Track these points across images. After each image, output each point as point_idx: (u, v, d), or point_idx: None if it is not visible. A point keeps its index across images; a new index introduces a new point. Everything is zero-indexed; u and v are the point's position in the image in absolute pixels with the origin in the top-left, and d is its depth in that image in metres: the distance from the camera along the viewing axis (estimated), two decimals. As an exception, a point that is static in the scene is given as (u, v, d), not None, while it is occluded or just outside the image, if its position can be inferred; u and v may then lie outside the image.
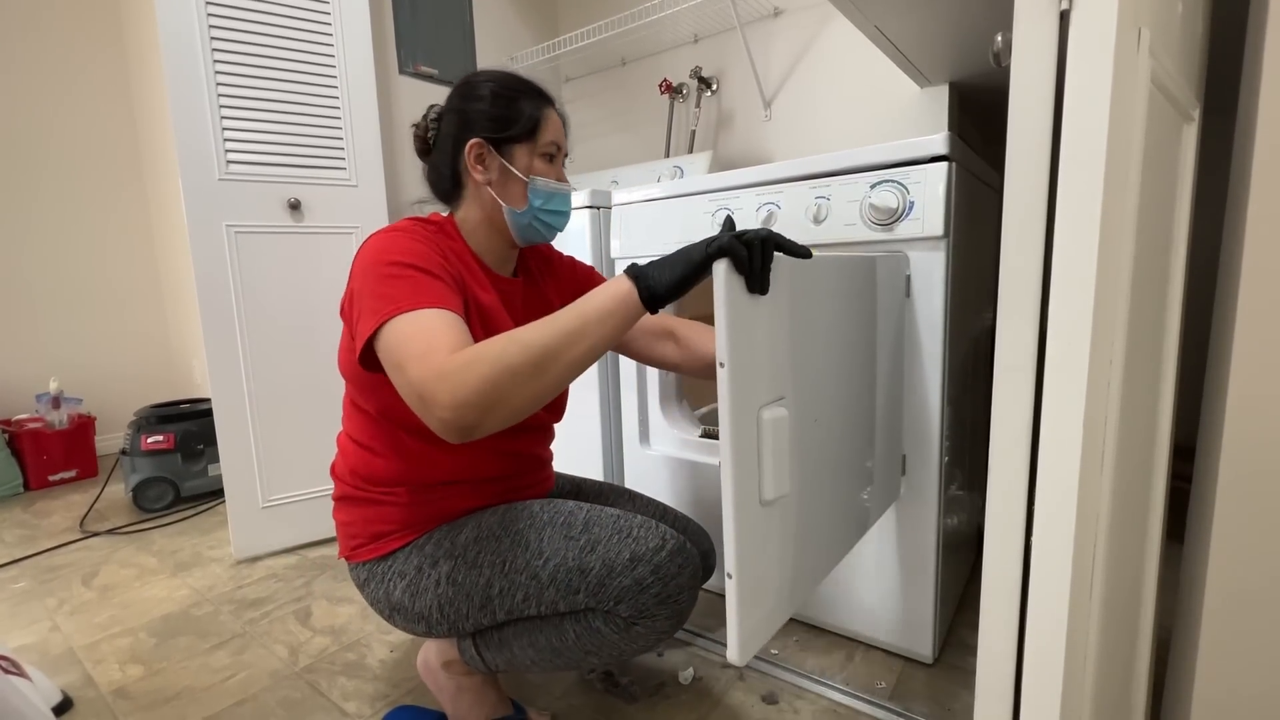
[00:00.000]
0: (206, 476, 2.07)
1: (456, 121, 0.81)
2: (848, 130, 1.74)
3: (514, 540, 0.79)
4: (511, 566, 0.77)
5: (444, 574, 0.80)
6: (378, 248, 0.72)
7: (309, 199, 1.57)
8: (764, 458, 0.62)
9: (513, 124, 0.80)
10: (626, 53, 2.13)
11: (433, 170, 0.86)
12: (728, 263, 0.56)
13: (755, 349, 0.61)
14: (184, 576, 1.52)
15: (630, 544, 0.76)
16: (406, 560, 0.82)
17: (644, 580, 0.74)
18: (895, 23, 1.19)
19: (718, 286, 0.57)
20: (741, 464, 0.59)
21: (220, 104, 1.45)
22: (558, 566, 0.76)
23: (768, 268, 0.59)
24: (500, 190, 0.82)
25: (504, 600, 0.78)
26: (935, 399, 0.99)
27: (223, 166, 1.46)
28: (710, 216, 1.18)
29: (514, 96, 0.81)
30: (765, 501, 0.63)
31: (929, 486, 1.01)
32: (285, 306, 1.56)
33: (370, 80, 1.65)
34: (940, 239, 0.94)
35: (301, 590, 1.42)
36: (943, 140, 0.93)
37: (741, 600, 0.60)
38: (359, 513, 0.85)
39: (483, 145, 0.80)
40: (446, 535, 0.82)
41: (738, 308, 0.58)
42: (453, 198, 0.86)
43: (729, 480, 0.58)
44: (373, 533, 0.84)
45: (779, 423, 0.63)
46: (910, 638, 1.07)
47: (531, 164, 0.82)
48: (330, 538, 1.68)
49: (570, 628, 0.77)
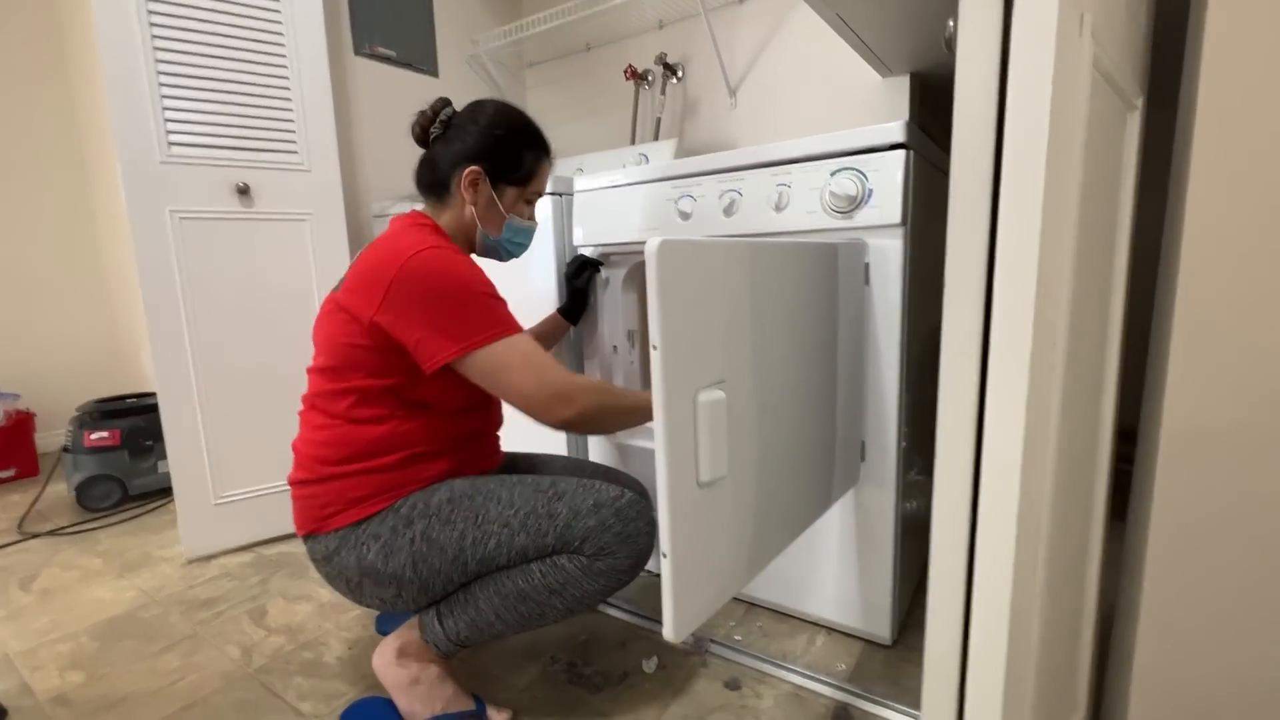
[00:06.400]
0: (156, 474, 1.99)
1: (465, 143, 0.92)
2: (811, 119, 1.75)
3: (486, 496, 0.87)
4: (484, 518, 0.85)
5: (419, 532, 0.85)
6: (446, 271, 0.82)
7: (259, 183, 1.51)
8: (700, 440, 0.62)
9: (513, 169, 0.95)
10: (591, 37, 2.09)
11: (428, 169, 0.95)
12: (659, 243, 0.56)
13: (692, 332, 0.60)
14: (131, 578, 1.46)
15: (594, 493, 0.86)
16: (382, 523, 0.86)
17: (606, 521, 0.84)
18: (856, 10, 1.19)
19: (650, 268, 0.56)
20: (676, 446, 0.59)
21: (160, 81, 1.37)
22: (528, 514, 0.85)
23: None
24: (481, 214, 0.95)
25: (476, 549, 0.84)
26: (893, 385, 1.00)
27: (164, 148, 1.39)
28: (673, 204, 1.17)
29: (522, 145, 0.95)
30: (702, 483, 0.63)
31: (887, 472, 1.03)
32: (235, 296, 1.50)
33: (323, 60, 1.59)
34: (898, 226, 0.95)
35: (257, 589, 1.38)
36: (900, 128, 0.93)
37: (676, 579, 0.60)
38: (335, 486, 0.87)
39: (480, 175, 0.92)
40: (420, 499, 0.87)
41: (670, 290, 0.57)
42: (434, 197, 0.97)
43: (663, 462, 0.58)
44: (351, 498, 0.87)
45: (716, 405, 0.62)
46: (870, 620, 1.09)
47: (517, 205, 0.98)
48: (288, 534, 1.64)
49: (536, 568, 0.84)
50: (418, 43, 1.96)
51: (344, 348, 0.86)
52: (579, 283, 1.29)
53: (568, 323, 1.30)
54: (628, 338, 1.34)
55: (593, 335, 1.36)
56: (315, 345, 0.93)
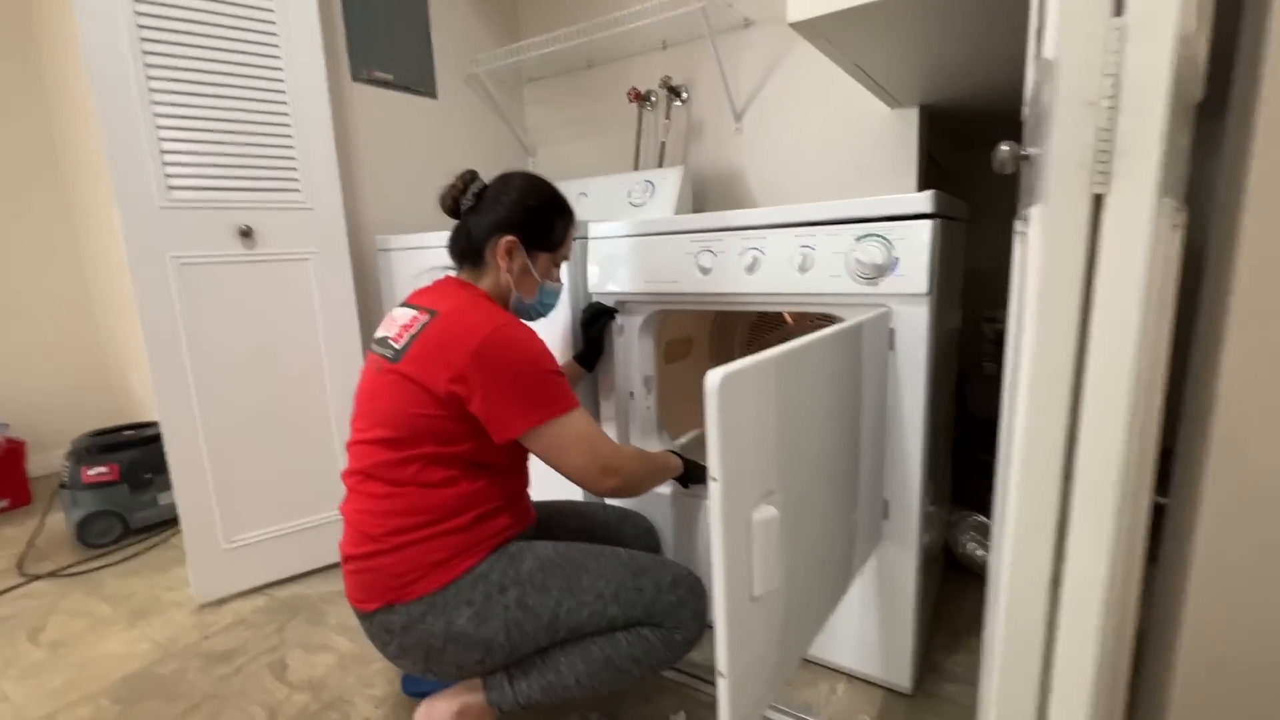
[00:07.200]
0: (157, 506, 1.96)
1: (499, 214, 0.97)
2: (819, 148, 1.74)
3: (575, 568, 0.92)
4: (578, 587, 0.90)
5: (513, 599, 0.88)
6: (522, 349, 0.87)
7: (261, 225, 1.47)
8: (755, 557, 0.62)
9: (545, 237, 1.01)
10: (593, 55, 2.05)
11: (464, 238, 0.99)
12: (721, 377, 0.56)
13: (746, 454, 0.61)
14: (143, 626, 1.45)
15: (670, 570, 0.95)
16: (473, 588, 0.88)
17: (684, 598, 0.93)
18: (873, 60, 1.18)
19: (711, 404, 0.56)
20: (734, 567, 0.60)
21: (157, 124, 1.33)
22: (619, 587, 0.91)
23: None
24: (516, 279, 0.99)
25: (570, 617, 0.89)
26: (917, 446, 1.01)
27: (163, 193, 1.35)
28: (692, 258, 1.17)
29: (553, 214, 1.01)
30: (755, 598, 0.64)
31: (910, 531, 1.05)
32: (240, 341, 1.47)
33: (322, 89, 1.54)
34: (924, 295, 0.95)
35: (274, 638, 1.37)
36: (928, 199, 0.94)
37: (733, 697, 0.61)
38: (412, 554, 0.88)
39: (516, 245, 0.97)
40: (510, 566, 0.91)
41: (730, 421, 0.57)
42: (469, 264, 1.00)
43: (721, 583, 0.58)
44: (432, 562, 0.88)
45: (770, 524, 0.63)
46: (891, 669, 1.11)
47: (548, 270, 1.03)
48: (301, 573, 1.63)
49: (623, 638, 0.91)
50: (416, 65, 1.91)
51: (414, 418, 0.88)
52: (594, 331, 1.29)
53: (583, 369, 1.30)
54: (644, 383, 1.34)
55: (609, 381, 1.36)
56: (368, 417, 0.93)
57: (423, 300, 0.95)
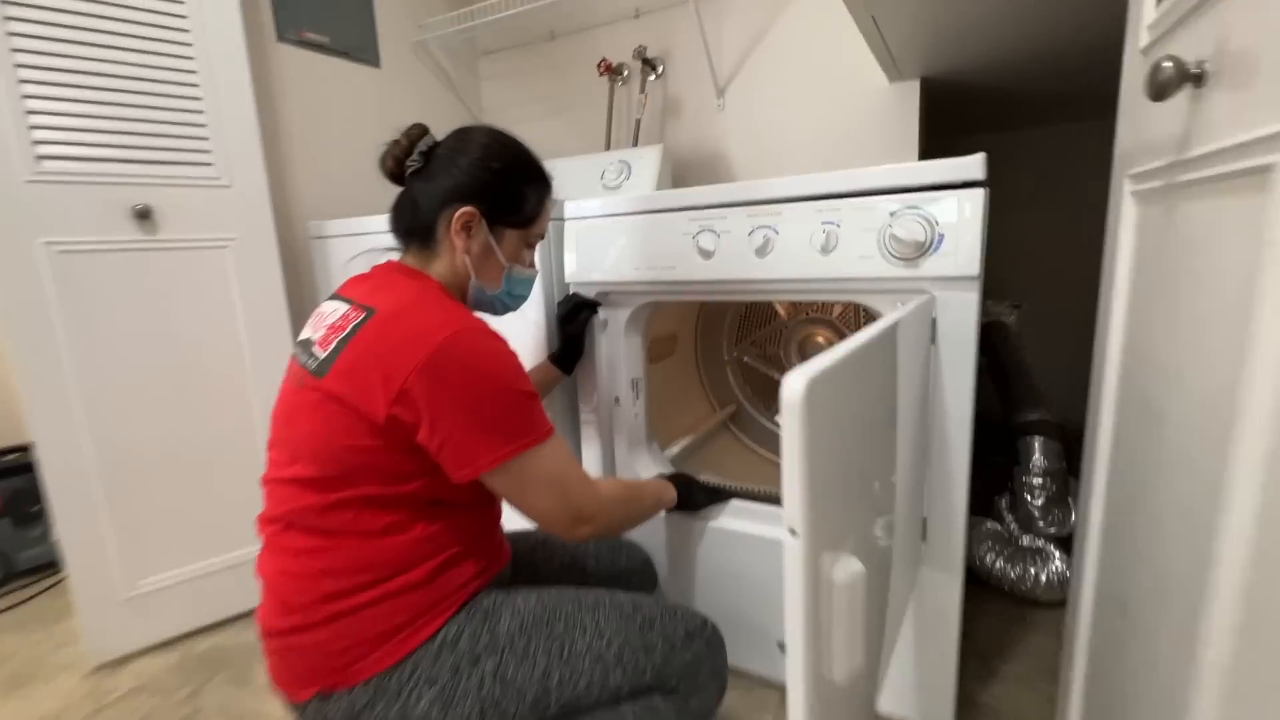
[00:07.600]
0: (47, 544, 1.65)
1: (453, 178, 0.76)
2: (811, 126, 1.60)
3: (567, 624, 0.73)
4: (572, 652, 0.71)
5: (488, 671, 0.68)
6: (487, 366, 0.68)
7: (164, 205, 1.22)
8: (835, 630, 0.45)
9: (514, 209, 0.80)
10: (556, 25, 1.86)
11: (409, 209, 0.79)
12: (806, 383, 0.39)
13: (831, 496, 0.44)
14: (21, 697, 1.17)
15: (683, 621, 0.78)
16: (435, 662, 0.68)
17: (701, 654, 0.77)
18: (893, 13, 1.04)
19: (792, 421, 0.39)
20: (812, 647, 0.43)
21: (19, 75, 1.07)
22: (622, 647, 0.72)
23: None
24: (476, 263, 0.79)
25: (563, 690, 0.70)
26: (963, 455, 0.87)
27: (29, 163, 1.08)
28: (691, 239, 1.00)
29: (523, 180, 0.80)
30: (837, 684, 0.47)
31: (953, 550, 0.90)
32: (141, 345, 1.22)
33: (240, 49, 1.30)
34: (974, 279, 0.81)
35: (187, 707, 1.13)
36: (978, 163, 0.79)
37: None
38: (351, 625, 0.67)
39: (475, 217, 0.76)
40: (483, 627, 0.71)
41: (817, 449, 0.40)
42: (416, 243, 0.79)
43: (800, 674, 0.41)
44: (381, 632, 0.67)
45: (854, 583, 0.45)
46: (929, 711, 0.97)
47: (517, 251, 0.83)
48: (223, 619, 1.38)
49: (629, 710, 0.73)
50: (355, 28, 1.67)
51: (344, 451, 0.67)
52: (573, 328, 1.10)
53: (560, 371, 1.11)
54: (631, 387, 1.16)
55: (590, 385, 1.17)
56: (285, 447, 0.71)
57: (357, 292, 0.74)
